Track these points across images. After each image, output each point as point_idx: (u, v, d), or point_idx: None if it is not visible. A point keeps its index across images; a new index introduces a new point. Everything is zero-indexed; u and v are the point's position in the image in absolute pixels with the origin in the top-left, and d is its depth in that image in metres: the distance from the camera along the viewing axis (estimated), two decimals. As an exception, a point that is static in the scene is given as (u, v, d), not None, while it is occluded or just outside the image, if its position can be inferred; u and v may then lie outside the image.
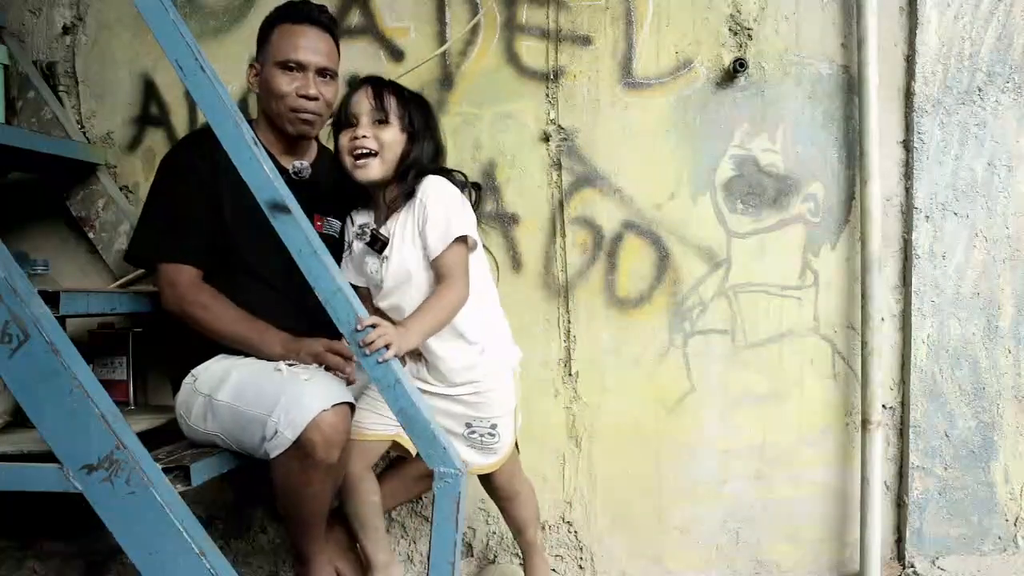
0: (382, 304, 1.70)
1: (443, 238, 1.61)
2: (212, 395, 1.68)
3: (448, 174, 1.70)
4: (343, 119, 1.67)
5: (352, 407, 1.59)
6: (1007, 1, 2.03)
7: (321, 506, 1.65)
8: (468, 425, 1.69)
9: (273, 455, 1.55)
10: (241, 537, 2.24)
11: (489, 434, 1.71)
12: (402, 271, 1.65)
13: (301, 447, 1.52)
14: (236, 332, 1.71)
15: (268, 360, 1.68)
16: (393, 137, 1.64)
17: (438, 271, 1.62)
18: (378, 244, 1.65)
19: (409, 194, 1.65)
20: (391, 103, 1.65)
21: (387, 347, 1.44)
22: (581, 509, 2.17)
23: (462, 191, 1.69)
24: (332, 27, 1.84)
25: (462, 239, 1.63)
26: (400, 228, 1.65)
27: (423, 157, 1.67)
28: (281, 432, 1.52)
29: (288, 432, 1.51)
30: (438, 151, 1.71)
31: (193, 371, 1.76)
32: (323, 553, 1.73)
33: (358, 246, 1.72)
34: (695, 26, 2.10)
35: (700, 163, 2.11)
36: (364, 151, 1.63)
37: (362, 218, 1.73)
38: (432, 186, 1.65)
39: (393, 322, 1.57)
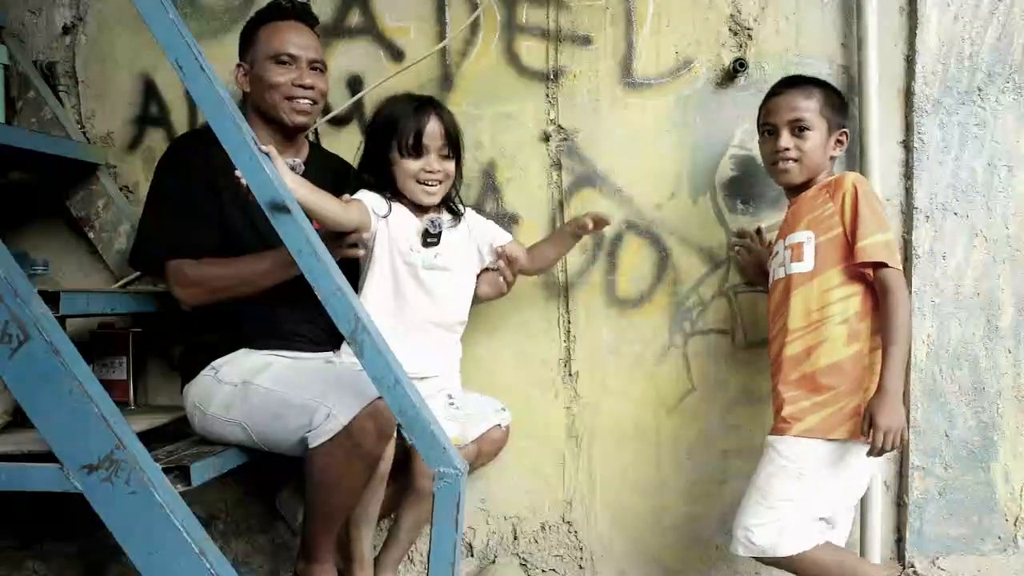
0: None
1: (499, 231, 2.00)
2: (249, 381, 1.69)
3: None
4: (410, 144, 1.81)
5: None
6: (1007, 1, 2.02)
7: (352, 501, 1.67)
8: (449, 396, 1.87)
9: (317, 443, 1.56)
10: (241, 537, 2.24)
11: (459, 407, 1.88)
12: (461, 277, 1.93)
13: (351, 436, 1.53)
14: (260, 265, 1.73)
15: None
16: (453, 168, 1.89)
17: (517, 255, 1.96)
18: (434, 239, 1.87)
19: (456, 216, 1.94)
20: (456, 138, 1.88)
21: None
22: (581, 509, 2.17)
23: None
24: (315, 24, 1.92)
25: None
26: (458, 242, 1.92)
27: (459, 184, 1.97)
28: (334, 416, 1.53)
29: (342, 416, 1.53)
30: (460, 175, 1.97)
31: (213, 364, 1.77)
32: (330, 555, 1.73)
33: (412, 229, 1.86)
34: (695, 26, 2.10)
35: (700, 163, 2.11)
36: (435, 183, 1.85)
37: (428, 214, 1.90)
38: (472, 213, 2.02)
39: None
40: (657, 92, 2.11)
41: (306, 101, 1.84)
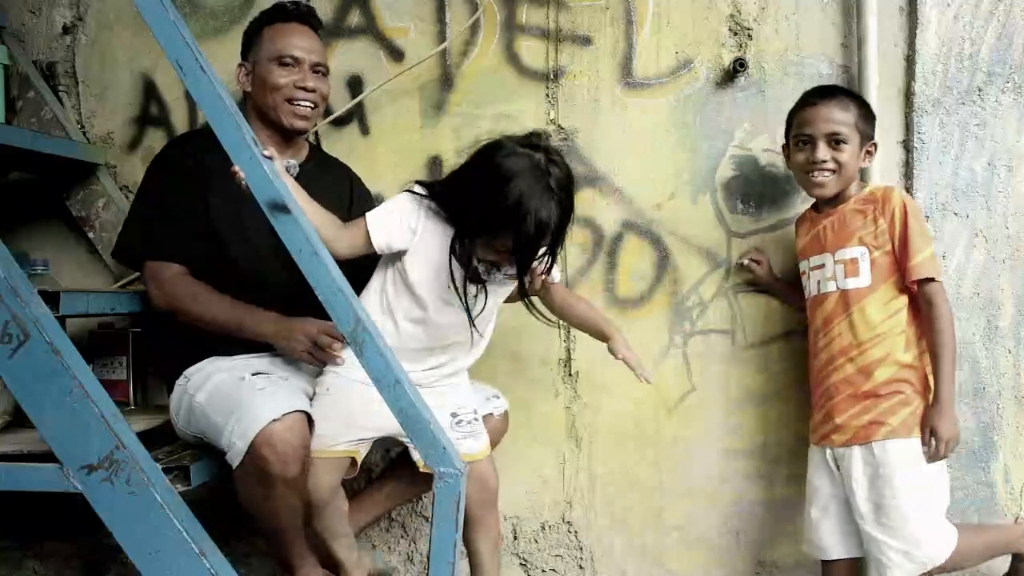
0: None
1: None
2: (193, 395, 1.68)
3: None
4: (526, 239, 1.55)
5: (308, 416, 1.57)
6: (1007, 1, 2.03)
7: (289, 518, 1.61)
8: (454, 415, 1.72)
9: (234, 465, 1.53)
10: (240, 537, 2.24)
11: (474, 419, 1.76)
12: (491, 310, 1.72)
13: (256, 462, 1.50)
14: (228, 318, 1.71)
15: (261, 340, 1.69)
16: None
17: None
18: (482, 283, 1.66)
19: None
20: None
21: None
22: (581, 509, 2.17)
23: None
24: (319, 28, 1.92)
25: None
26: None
27: None
28: (234, 443, 1.51)
29: (240, 443, 1.50)
30: None
31: (186, 372, 1.76)
32: (306, 558, 1.70)
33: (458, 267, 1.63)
34: (695, 26, 2.10)
35: (700, 163, 2.11)
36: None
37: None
38: None
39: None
40: (657, 92, 2.11)
41: (307, 104, 1.83)
